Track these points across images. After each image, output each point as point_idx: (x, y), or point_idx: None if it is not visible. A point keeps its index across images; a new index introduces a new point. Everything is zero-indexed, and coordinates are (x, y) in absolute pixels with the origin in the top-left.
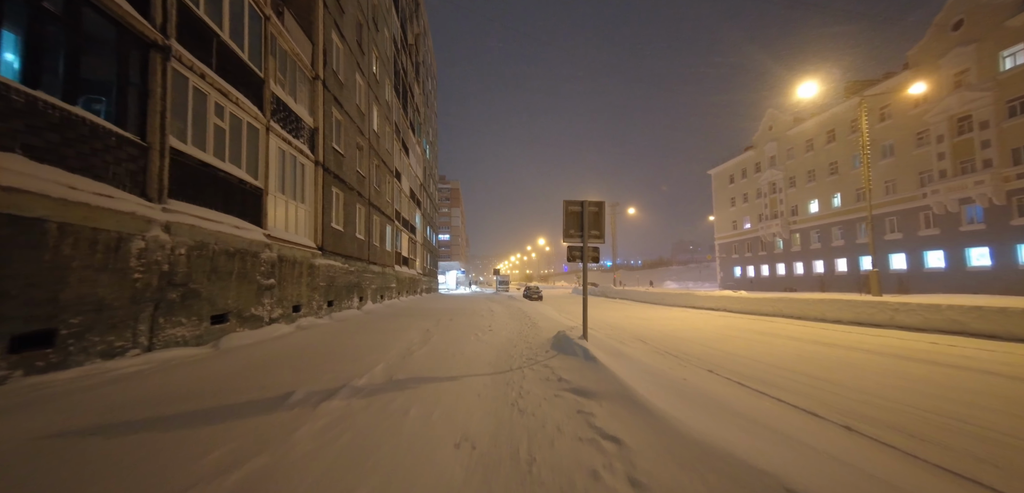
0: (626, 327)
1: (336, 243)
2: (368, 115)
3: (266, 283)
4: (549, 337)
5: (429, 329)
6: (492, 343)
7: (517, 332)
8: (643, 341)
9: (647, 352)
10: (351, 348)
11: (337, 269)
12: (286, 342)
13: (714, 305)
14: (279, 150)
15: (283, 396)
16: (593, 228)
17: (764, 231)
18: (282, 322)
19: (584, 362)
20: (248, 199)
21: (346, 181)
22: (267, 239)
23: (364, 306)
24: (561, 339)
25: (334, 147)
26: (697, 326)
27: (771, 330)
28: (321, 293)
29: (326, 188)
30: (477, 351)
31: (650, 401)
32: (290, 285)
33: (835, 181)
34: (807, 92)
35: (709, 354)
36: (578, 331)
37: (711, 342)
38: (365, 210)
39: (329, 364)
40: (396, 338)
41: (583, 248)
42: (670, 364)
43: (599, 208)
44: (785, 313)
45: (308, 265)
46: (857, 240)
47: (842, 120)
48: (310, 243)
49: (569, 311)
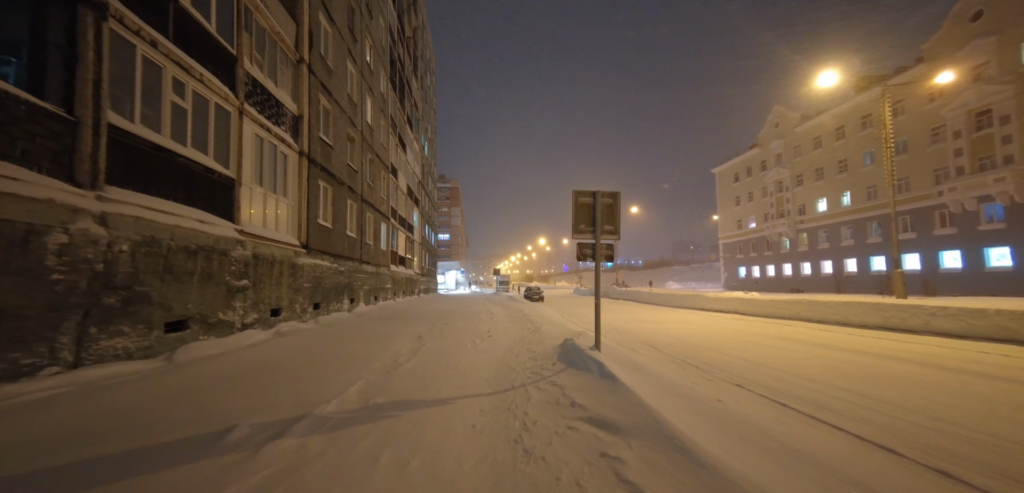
0: (635, 331)
1: (323, 241)
2: (361, 106)
3: (238, 284)
4: (555, 345)
5: (422, 335)
6: (491, 353)
7: (519, 338)
8: (656, 348)
9: (664, 362)
10: (330, 359)
11: (324, 269)
12: (257, 352)
13: (724, 307)
14: (255, 137)
15: (221, 432)
16: (607, 222)
17: (770, 230)
18: (258, 328)
19: (600, 380)
20: (217, 190)
21: (335, 175)
22: (240, 235)
23: (356, 308)
24: (569, 349)
25: (321, 137)
26: (711, 330)
27: (792, 335)
28: (305, 295)
29: (312, 181)
30: (474, 363)
31: (691, 439)
32: (268, 287)
33: (845, 179)
34: (826, 82)
35: (733, 364)
36: (586, 338)
37: (731, 349)
38: (357, 206)
39: (297, 382)
40: (384, 346)
41: (595, 245)
42: (694, 378)
43: (614, 200)
44: (803, 316)
45: (290, 265)
46: (868, 239)
47: (852, 116)
48: (293, 241)
49: (573, 313)
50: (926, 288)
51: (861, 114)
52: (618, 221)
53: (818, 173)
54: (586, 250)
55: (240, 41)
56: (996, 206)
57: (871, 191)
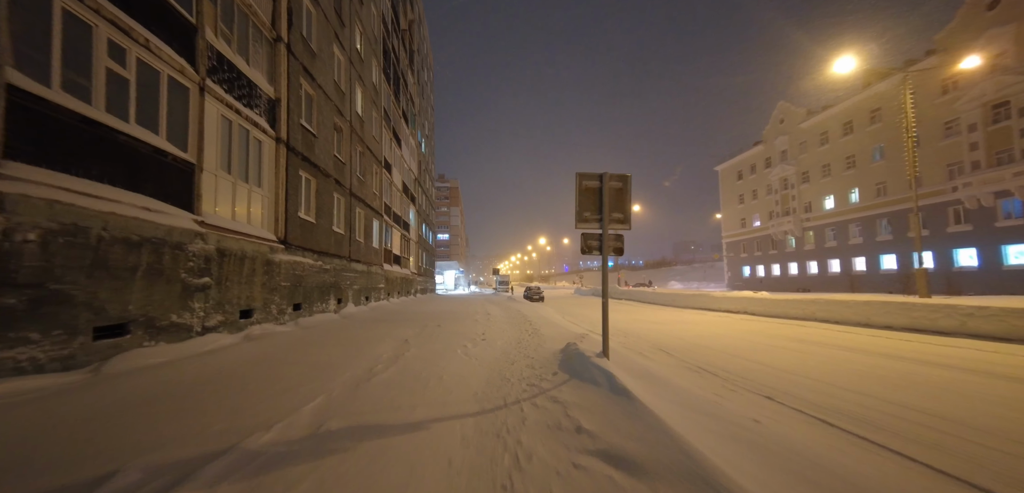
0: (641, 333)
1: (305, 236)
2: (350, 95)
3: (197, 283)
4: (555, 350)
5: (409, 339)
6: (483, 359)
7: (515, 342)
8: (667, 352)
9: (678, 369)
10: (295, 368)
11: (306, 267)
12: (212, 361)
13: (732, 307)
14: (221, 119)
15: (96, 481)
16: (616, 210)
17: (775, 229)
18: (223, 331)
19: (610, 396)
20: (170, 175)
21: (319, 166)
22: (200, 227)
23: (343, 309)
24: (573, 355)
25: (303, 125)
26: (722, 332)
27: (812, 337)
28: (283, 295)
29: (292, 171)
30: (462, 372)
31: (738, 484)
32: (236, 285)
33: (853, 175)
34: (843, 68)
35: (755, 371)
36: (591, 342)
37: (747, 354)
38: (346, 201)
39: (243, 399)
40: (362, 352)
41: (603, 236)
42: (716, 389)
43: (623, 184)
44: (819, 317)
45: (264, 261)
46: (877, 237)
47: (860, 110)
48: (268, 235)
49: (574, 314)
50: (950, 287)
51: (870, 108)
52: (628, 209)
53: (825, 170)
54: (592, 242)
55: (201, 8)
56: (1014, 201)
57: (881, 188)
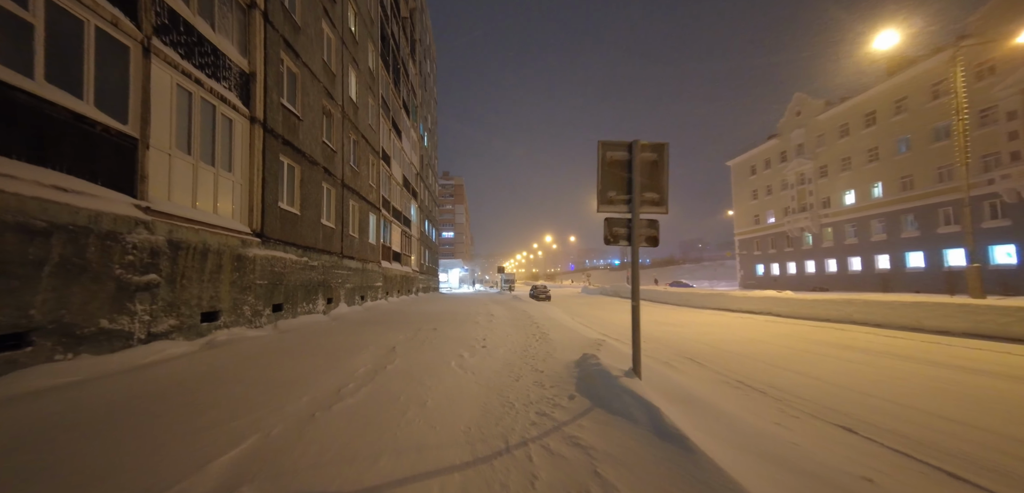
0: (660, 338)
1: (287, 229)
2: (342, 78)
3: (139, 280)
4: (569, 361)
5: (397, 346)
6: (482, 373)
7: (521, 349)
8: (695, 361)
9: (715, 385)
10: (242, 390)
11: (288, 263)
12: (141, 379)
13: (754, 307)
14: (176, 88)
15: None
16: (649, 188)
17: (790, 226)
18: (176, 338)
19: (656, 441)
20: (101, 150)
21: (305, 152)
22: (144, 214)
23: (334, 309)
24: (593, 371)
25: (284, 105)
26: (749, 336)
27: (855, 343)
28: (259, 294)
29: (270, 156)
30: (453, 394)
31: None
32: (196, 284)
33: (875, 169)
34: (885, 44)
35: (806, 387)
36: (610, 351)
37: (789, 364)
38: (337, 192)
39: (137, 440)
40: (337, 364)
41: (632, 221)
42: (774, 415)
43: (659, 155)
44: (856, 319)
45: (234, 256)
46: (902, 233)
47: (884, 100)
48: (240, 227)
49: (584, 315)
50: (1006, 287)
51: (895, 98)
52: (664, 186)
53: (844, 163)
54: (618, 229)
55: None
56: None
57: (906, 181)
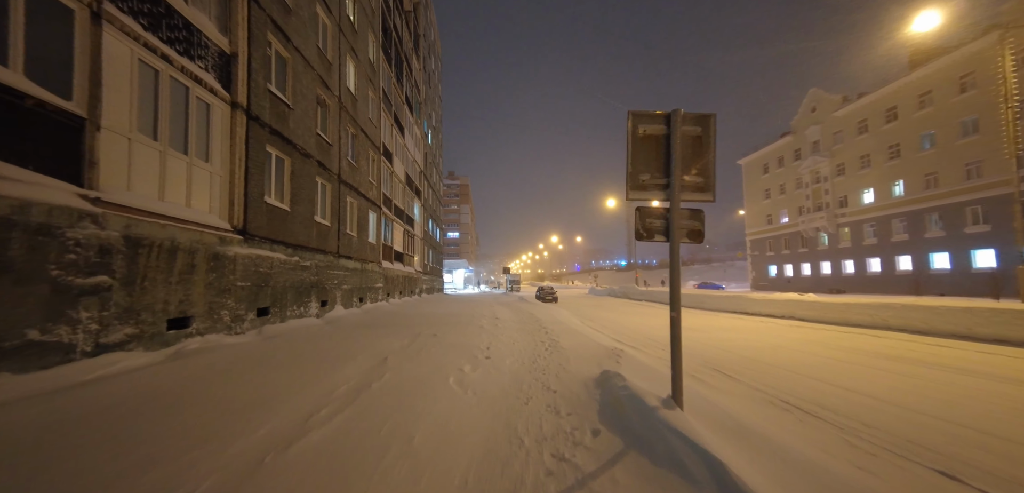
0: (683, 345)
1: (275, 226)
2: (338, 67)
3: (85, 282)
4: (587, 378)
5: (390, 355)
6: (484, 393)
7: (529, 360)
8: (722, 373)
9: (757, 405)
10: (190, 418)
11: (276, 263)
12: (68, 403)
13: (774, 311)
14: (138, 63)
15: None
16: (691, 171)
17: (805, 225)
18: (134, 349)
19: None
20: (37, 129)
21: (296, 143)
22: (91, 205)
23: (329, 312)
24: (618, 395)
25: (272, 91)
26: (775, 342)
27: (901, 353)
28: (241, 297)
29: (255, 145)
30: (448, 422)
31: None
32: (161, 286)
33: (896, 166)
34: (925, 26)
35: (866, 410)
36: (630, 362)
37: (833, 377)
38: (333, 188)
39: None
40: (315, 380)
41: (671, 210)
42: (846, 451)
43: (704, 128)
44: (893, 325)
45: (210, 255)
46: (925, 234)
47: (906, 95)
48: (218, 222)
49: (595, 318)
50: None
51: (918, 92)
52: (711, 168)
53: (863, 161)
54: (652, 221)
55: None
56: None
57: (930, 179)
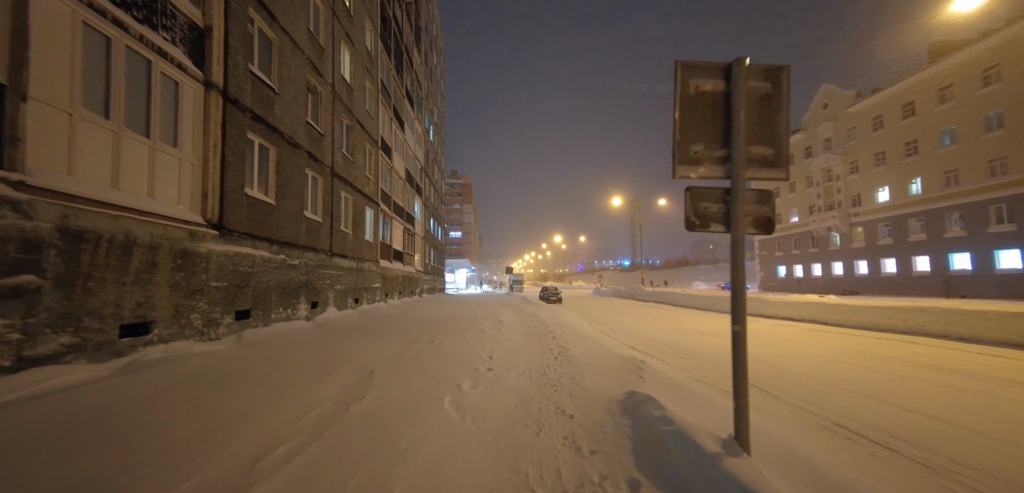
0: (697, 350)
1: (258, 221)
2: (332, 53)
3: (6, 284)
4: (609, 397)
5: (379, 367)
6: (485, 418)
7: (537, 372)
8: (758, 387)
9: (814, 431)
10: (90, 465)
11: (258, 261)
12: None
13: (792, 313)
14: (82, 27)
15: None
16: (759, 139)
17: (817, 225)
18: (77, 360)
19: None
20: None
21: (282, 131)
22: (12, 190)
23: (320, 314)
24: (660, 433)
25: (254, 72)
26: (803, 349)
27: (959, 364)
28: (215, 299)
29: (233, 131)
30: (437, 466)
31: None
32: (112, 287)
33: (914, 164)
34: (966, 4)
35: (952, 440)
36: (653, 375)
37: (888, 394)
38: (325, 182)
39: None
40: (285, 402)
41: (733, 190)
42: None
43: (774, 85)
44: (929, 330)
45: (177, 252)
46: (945, 233)
47: (925, 89)
48: (188, 215)
49: (603, 320)
50: None
51: (938, 86)
52: (784, 135)
53: (878, 158)
54: (707, 205)
55: None
56: None
57: (950, 177)
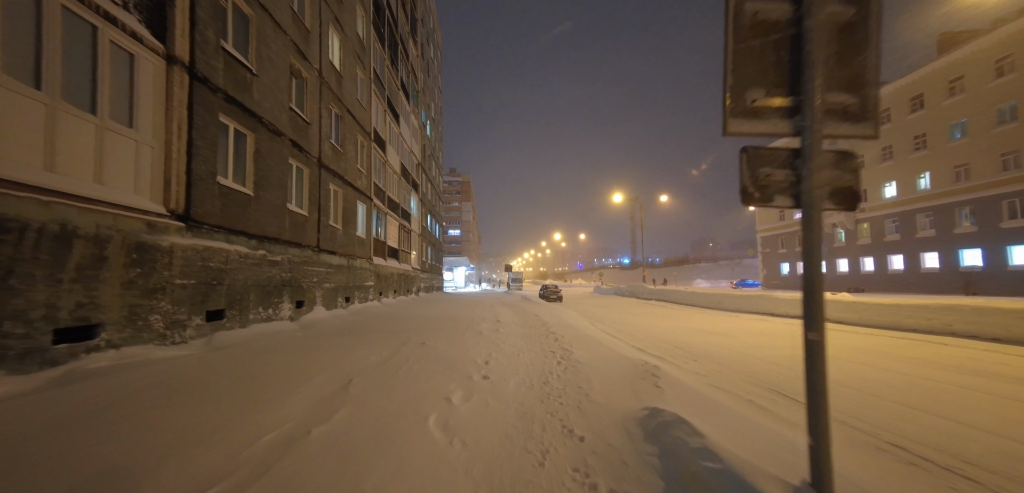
0: (710, 352)
1: (233, 213)
2: (320, 37)
3: None
4: (624, 413)
5: (355, 378)
6: (478, 443)
7: (539, 381)
8: (790, 398)
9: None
10: None
11: (234, 257)
12: None
13: None
14: None
15: None
16: (840, 83)
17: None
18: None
19: None
20: None
21: (262, 117)
22: None
23: (306, 315)
24: (694, 466)
25: (228, 50)
26: (830, 352)
27: (1005, 371)
28: (181, 298)
29: (203, 113)
30: None
31: None
32: (41, 285)
33: (923, 158)
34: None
35: None
36: (671, 383)
37: (941, 407)
38: (311, 173)
39: None
40: (236, 424)
41: (806, 148)
42: None
43: (861, 6)
44: (959, 330)
45: (130, 245)
46: (955, 229)
47: (935, 81)
48: (147, 204)
49: (605, 319)
50: None
51: (948, 78)
52: (872, 79)
53: (885, 152)
54: (771, 171)
55: None
56: None
57: (961, 171)
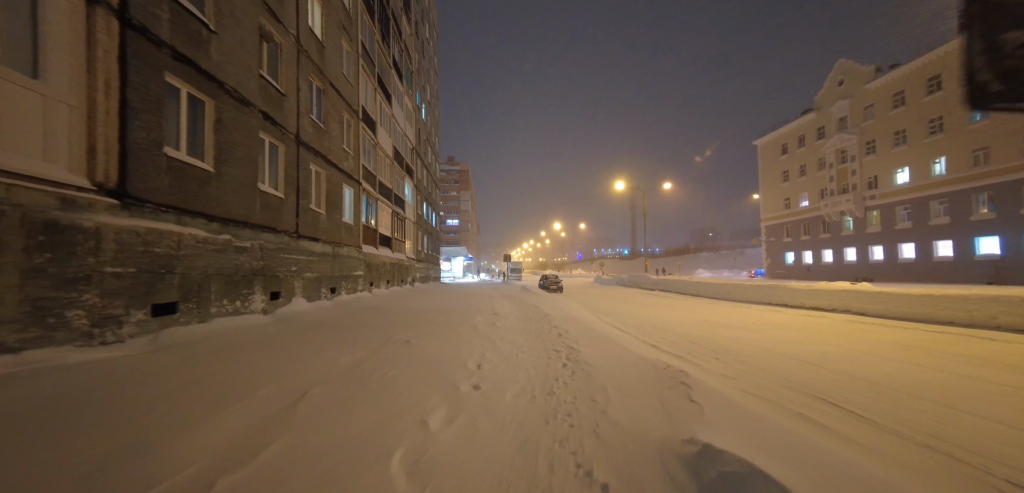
0: (730, 348)
1: (187, 191)
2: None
3: None
4: (659, 443)
5: (309, 393)
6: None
7: (543, 391)
8: (840, 407)
9: (953, 479)
10: None
11: (188, 241)
12: None
13: (822, 303)
14: None
15: None
16: None
17: (829, 209)
18: None
19: None
20: None
21: (223, 82)
22: None
23: (283, 307)
24: None
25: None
26: (858, 348)
27: None
28: (115, 290)
29: (140, 69)
30: None
31: None
32: None
33: (939, 142)
34: None
35: None
36: (707, 392)
37: (1015, 417)
38: (287, 150)
39: None
40: (123, 467)
41: None
42: None
43: None
44: (1003, 324)
45: (33, 224)
46: (971, 216)
47: (953, 61)
48: (63, 175)
49: (609, 311)
50: None
51: None
52: None
53: (898, 137)
54: None
55: None
56: None
57: (979, 155)
